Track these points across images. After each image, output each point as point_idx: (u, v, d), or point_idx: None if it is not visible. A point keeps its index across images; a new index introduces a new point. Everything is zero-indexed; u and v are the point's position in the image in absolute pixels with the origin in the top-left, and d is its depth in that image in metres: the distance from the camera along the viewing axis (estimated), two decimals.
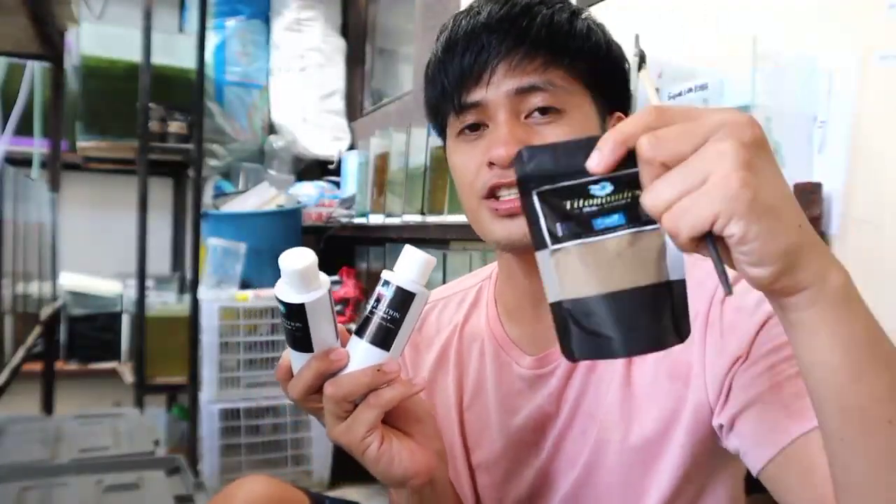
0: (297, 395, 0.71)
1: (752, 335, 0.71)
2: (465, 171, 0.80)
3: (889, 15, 1.08)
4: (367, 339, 0.69)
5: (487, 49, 0.76)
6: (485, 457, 0.89)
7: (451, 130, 0.82)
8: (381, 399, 0.69)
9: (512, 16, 0.77)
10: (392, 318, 0.68)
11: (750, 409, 0.70)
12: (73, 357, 3.30)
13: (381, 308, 0.69)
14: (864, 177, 1.12)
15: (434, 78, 0.82)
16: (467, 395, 0.91)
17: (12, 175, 1.58)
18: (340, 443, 0.71)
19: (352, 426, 0.69)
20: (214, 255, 2.93)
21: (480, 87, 0.77)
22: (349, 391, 0.68)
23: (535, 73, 0.76)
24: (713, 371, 0.73)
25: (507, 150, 0.74)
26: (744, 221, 0.47)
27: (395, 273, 0.69)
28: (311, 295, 0.66)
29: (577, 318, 0.54)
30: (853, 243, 1.13)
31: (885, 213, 1.08)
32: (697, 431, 0.76)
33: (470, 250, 2.16)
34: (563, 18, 0.78)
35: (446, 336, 0.94)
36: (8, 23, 2.09)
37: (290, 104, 3.66)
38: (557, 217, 0.53)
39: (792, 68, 1.16)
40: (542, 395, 0.84)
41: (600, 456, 0.81)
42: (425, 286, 0.70)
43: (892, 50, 1.08)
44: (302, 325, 0.67)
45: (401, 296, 0.68)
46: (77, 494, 1.29)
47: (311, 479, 2.76)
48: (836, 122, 1.15)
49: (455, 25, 0.80)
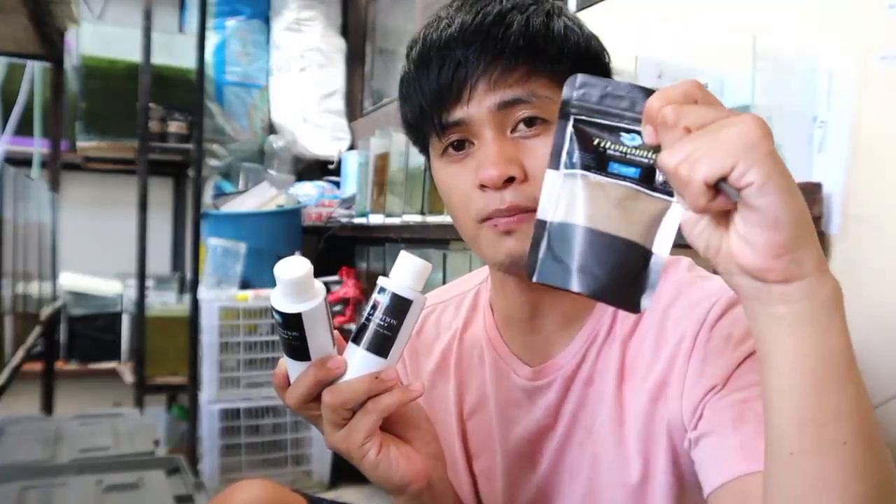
0: (295, 403, 0.71)
1: (732, 367, 0.70)
2: (457, 193, 0.77)
3: (889, 15, 1.08)
4: (363, 347, 0.69)
5: (465, 64, 0.73)
6: (486, 466, 0.89)
7: (433, 150, 0.79)
8: (378, 406, 0.68)
9: (486, 26, 0.73)
10: (389, 324, 0.68)
11: (710, 435, 0.69)
12: (73, 357, 3.31)
13: (377, 315, 0.68)
14: (864, 177, 1.12)
15: (409, 96, 0.78)
16: (468, 403, 0.90)
17: (12, 175, 1.58)
18: (339, 450, 0.71)
19: (350, 433, 0.69)
20: (214, 255, 2.93)
21: (461, 104, 0.74)
22: (347, 399, 0.68)
23: (517, 86, 0.73)
24: (691, 394, 0.72)
25: (497, 171, 0.72)
26: (763, 170, 0.47)
27: (391, 279, 0.69)
28: (308, 304, 0.66)
29: (554, 240, 0.57)
30: (853, 243, 1.13)
31: (885, 213, 1.08)
32: (678, 450, 0.75)
33: (470, 250, 2.15)
34: (538, 23, 0.74)
35: (446, 341, 0.93)
36: (8, 23, 2.10)
37: (290, 104, 3.66)
38: (581, 147, 0.56)
39: (792, 68, 1.16)
40: (540, 408, 0.83)
41: (599, 472, 0.80)
42: (422, 291, 0.70)
43: (892, 50, 1.08)
44: (298, 334, 0.67)
45: (397, 302, 0.68)
46: (77, 494, 1.28)
47: (311, 479, 2.76)
48: (836, 122, 1.15)
49: (426, 38, 0.76)
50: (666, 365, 0.75)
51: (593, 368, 0.81)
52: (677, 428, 0.74)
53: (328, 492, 2.70)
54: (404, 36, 3.47)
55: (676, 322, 0.76)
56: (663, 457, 0.75)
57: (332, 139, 3.64)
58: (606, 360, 0.80)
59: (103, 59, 3.24)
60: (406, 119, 0.82)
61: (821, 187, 1.15)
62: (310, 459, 2.78)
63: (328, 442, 0.71)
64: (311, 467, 2.78)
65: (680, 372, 0.74)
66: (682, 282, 0.79)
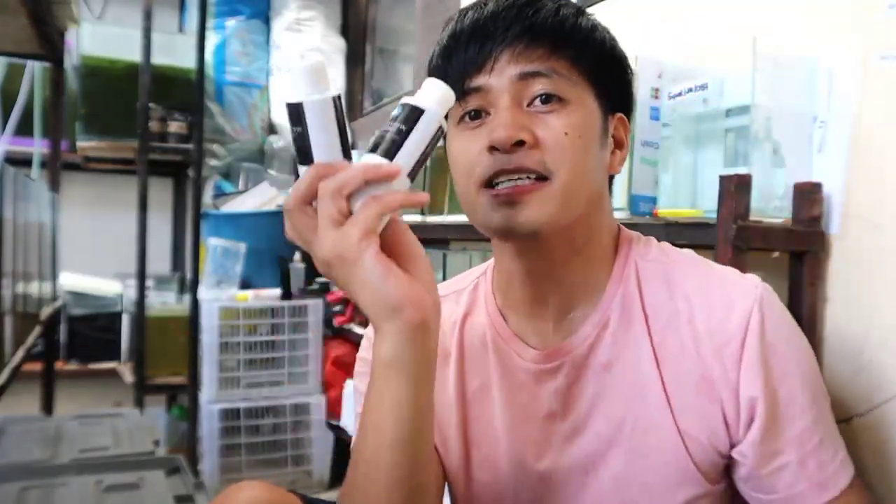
0: (293, 202, 0.67)
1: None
2: (464, 157, 0.79)
3: (889, 15, 1.08)
4: (369, 150, 0.68)
5: (492, 37, 0.77)
6: (486, 453, 0.88)
7: (452, 119, 0.82)
8: (381, 201, 0.65)
9: (518, 6, 0.78)
10: (398, 130, 0.67)
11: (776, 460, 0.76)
12: (73, 357, 3.31)
13: (390, 126, 0.68)
14: (864, 177, 1.12)
15: (438, 66, 0.81)
16: (471, 388, 0.89)
17: (12, 175, 1.58)
18: (333, 254, 0.65)
19: (347, 230, 0.64)
20: (214, 255, 2.93)
21: (484, 73, 0.77)
22: (344, 182, 0.65)
23: (539, 60, 0.76)
24: (745, 391, 0.77)
25: (507, 133, 0.74)
26: None
27: (411, 97, 0.69)
28: (312, 96, 0.65)
29: None
30: (853, 243, 1.12)
31: (885, 213, 1.08)
32: (715, 448, 0.78)
33: (470, 250, 2.15)
34: (568, 13, 0.79)
35: (446, 332, 0.92)
36: (8, 23, 2.10)
37: None
38: None
39: (792, 68, 1.16)
40: (547, 392, 0.83)
41: (631, 460, 0.80)
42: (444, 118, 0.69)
43: (892, 50, 1.08)
44: (301, 129, 0.65)
45: (409, 111, 0.67)
46: (77, 494, 1.28)
47: (311, 479, 2.76)
48: (836, 122, 1.15)
49: (462, 17, 0.81)
50: (710, 361, 0.78)
51: (613, 353, 0.81)
52: (721, 422, 0.78)
53: (328, 492, 2.70)
54: (404, 36, 3.47)
55: (708, 316, 0.78)
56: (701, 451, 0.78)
57: None
58: (630, 345, 0.81)
59: (103, 59, 3.24)
60: None
61: (821, 187, 1.15)
62: (310, 459, 2.78)
63: (322, 248, 0.66)
64: (311, 467, 2.78)
65: (731, 376, 0.77)
66: (696, 268, 0.82)
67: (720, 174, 1.08)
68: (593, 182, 0.80)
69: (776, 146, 1.14)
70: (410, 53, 3.27)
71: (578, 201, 0.78)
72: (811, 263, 1.14)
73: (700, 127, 1.23)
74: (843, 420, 1.05)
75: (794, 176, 1.16)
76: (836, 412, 0.84)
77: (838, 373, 1.09)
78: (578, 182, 0.77)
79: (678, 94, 1.23)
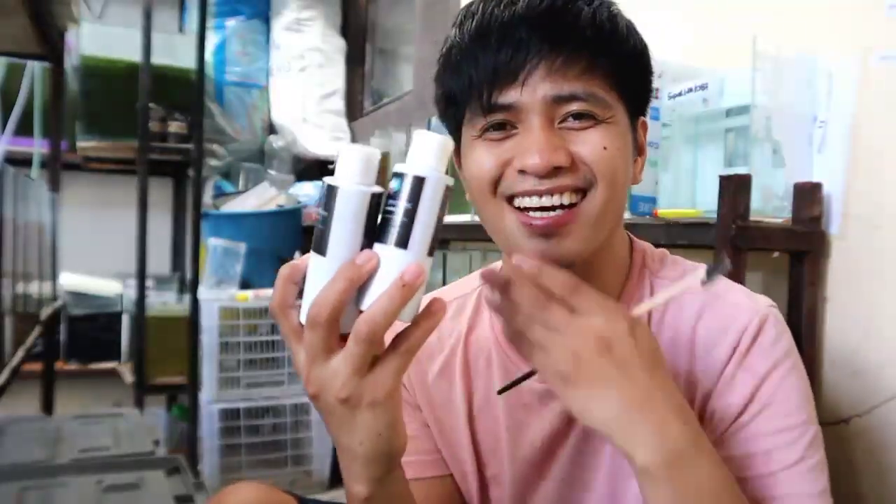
0: (327, 315, 0.58)
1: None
2: (481, 168, 0.74)
3: (889, 15, 1.08)
4: (377, 241, 0.59)
5: (527, 46, 0.70)
6: (495, 472, 0.86)
7: (470, 126, 0.76)
8: (410, 342, 0.59)
9: (554, 11, 0.71)
10: (406, 211, 0.58)
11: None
12: (73, 357, 3.30)
13: (391, 205, 0.59)
14: (863, 177, 1.12)
15: (459, 67, 0.74)
16: (476, 407, 0.87)
17: (12, 175, 1.58)
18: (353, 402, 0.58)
19: (379, 377, 0.58)
20: (214, 255, 2.93)
21: (515, 87, 0.70)
22: (380, 319, 0.56)
23: (577, 81, 0.70)
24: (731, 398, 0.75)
25: (542, 160, 0.69)
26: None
27: (405, 164, 0.60)
28: (351, 185, 0.57)
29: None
30: (853, 243, 1.13)
31: (885, 213, 1.08)
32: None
33: (470, 250, 2.15)
34: (604, 18, 0.72)
35: (450, 347, 0.89)
36: (8, 23, 2.09)
37: (290, 104, 3.66)
38: None
39: (792, 68, 1.16)
40: (552, 412, 0.81)
41: (623, 479, 0.78)
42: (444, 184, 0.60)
43: (892, 50, 1.08)
44: (327, 215, 0.58)
45: (411, 184, 0.58)
46: (77, 494, 1.28)
47: (311, 479, 2.76)
48: (835, 122, 1.15)
49: (486, 12, 0.73)
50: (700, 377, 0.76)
51: None
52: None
53: (328, 492, 2.70)
54: (404, 36, 3.47)
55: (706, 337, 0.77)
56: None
57: (332, 139, 3.64)
58: None
59: (103, 59, 3.24)
60: (447, 90, 0.77)
61: (821, 187, 1.15)
62: (310, 459, 2.78)
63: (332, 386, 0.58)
64: (311, 467, 2.78)
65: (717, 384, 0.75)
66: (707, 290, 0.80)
67: (720, 174, 1.08)
68: (625, 198, 0.77)
69: (776, 146, 1.15)
70: (410, 53, 3.27)
71: (614, 218, 0.76)
72: (811, 263, 1.14)
73: (700, 127, 1.23)
74: (843, 420, 1.05)
75: (794, 176, 1.16)
76: (836, 412, 0.84)
77: (838, 373, 1.09)
78: (615, 199, 0.74)
79: (678, 94, 1.23)
